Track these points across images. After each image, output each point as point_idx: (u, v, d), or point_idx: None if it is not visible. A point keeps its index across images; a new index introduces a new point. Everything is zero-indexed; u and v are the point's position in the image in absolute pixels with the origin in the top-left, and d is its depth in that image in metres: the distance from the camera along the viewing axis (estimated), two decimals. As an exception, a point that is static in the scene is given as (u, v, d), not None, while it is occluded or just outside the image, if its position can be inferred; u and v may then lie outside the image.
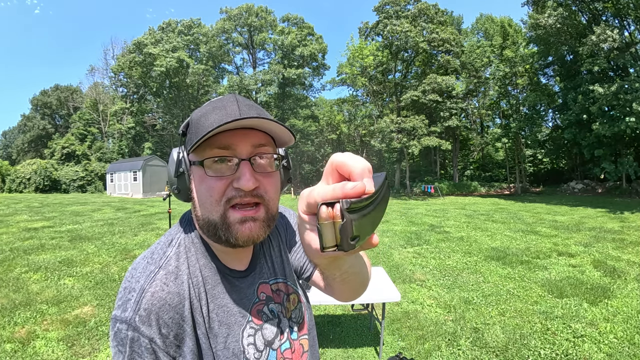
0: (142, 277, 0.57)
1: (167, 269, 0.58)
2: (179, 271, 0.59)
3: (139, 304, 0.54)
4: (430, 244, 6.94)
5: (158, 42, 35.05)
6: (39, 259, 5.44)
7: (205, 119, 0.56)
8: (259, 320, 0.64)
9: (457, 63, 28.72)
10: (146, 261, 0.60)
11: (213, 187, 0.55)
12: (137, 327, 0.53)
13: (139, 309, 0.54)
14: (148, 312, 0.54)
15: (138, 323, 0.53)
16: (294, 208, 0.62)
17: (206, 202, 0.56)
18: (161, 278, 0.57)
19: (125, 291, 0.57)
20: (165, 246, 0.62)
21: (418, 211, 13.22)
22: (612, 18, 20.02)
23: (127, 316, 0.54)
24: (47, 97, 47.88)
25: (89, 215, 10.78)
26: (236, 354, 0.59)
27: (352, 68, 32.08)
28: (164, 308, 0.55)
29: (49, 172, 30.67)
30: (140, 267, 0.59)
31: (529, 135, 25.93)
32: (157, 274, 0.57)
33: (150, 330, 0.54)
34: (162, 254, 0.61)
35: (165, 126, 40.38)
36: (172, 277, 0.58)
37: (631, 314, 3.55)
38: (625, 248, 6.45)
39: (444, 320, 3.49)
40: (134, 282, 0.57)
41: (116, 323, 0.55)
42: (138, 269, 0.59)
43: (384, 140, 26.68)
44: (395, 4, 28.04)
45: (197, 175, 0.58)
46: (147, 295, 0.55)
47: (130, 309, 0.54)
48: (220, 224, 0.56)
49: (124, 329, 0.53)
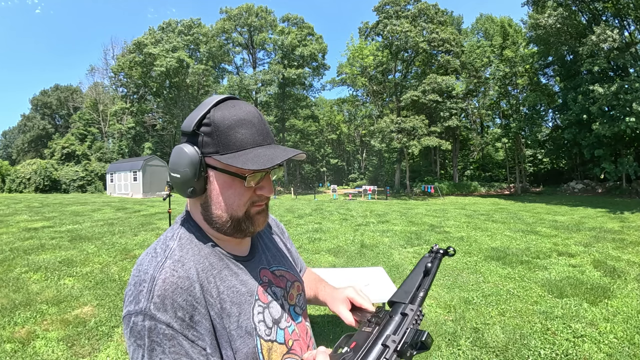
0: (149, 269, 0.58)
1: (173, 258, 0.60)
2: (184, 259, 0.61)
3: (152, 292, 0.55)
4: (430, 244, 6.92)
5: (158, 42, 35.04)
6: (39, 259, 5.43)
7: (236, 132, 0.61)
8: (265, 299, 0.69)
9: (457, 63, 28.71)
10: (150, 256, 0.61)
11: (243, 194, 0.64)
12: (153, 315, 0.53)
13: (152, 297, 0.55)
14: (162, 298, 0.55)
15: (153, 311, 0.54)
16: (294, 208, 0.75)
17: (233, 204, 0.64)
18: (169, 266, 0.59)
19: (135, 286, 0.57)
20: (166, 241, 0.65)
21: (418, 211, 13.22)
22: (612, 18, 20.02)
23: (141, 307, 0.54)
24: (47, 97, 47.91)
25: (89, 215, 10.77)
26: (249, 331, 0.62)
27: (352, 68, 32.08)
28: (177, 291, 0.56)
29: (49, 172, 30.67)
30: (146, 261, 0.60)
31: (529, 135, 25.92)
32: (165, 263, 0.59)
33: (166, 315, 0.54)
34: (165, 247, 0.63)
35: (165, 126, 40.39)
36: (179, 264, 0.60)
37: (631, 314, 3.55)
38: (625, 248, 6.45)
39: (444, 320, 3.49)
40: (143, 275, 0.58)
41: (131, 318, 0.55)
42: (143, 264, 0.60)
43: (384, 140, 26.68)
44: (395, 4, 28.04)
45: (222, 180, 0.63)
46: (158, 282, 0.56)
47: (144, 299, 0.55)
48: (244, 219, 0.65)
49: (140, 320, 0.54)
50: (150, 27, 37.20)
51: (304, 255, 6.13)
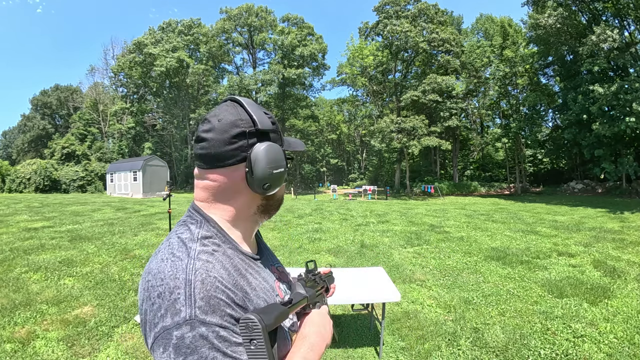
0: (178, 273, 0.54)
1: (202, 260, 0.57)
2: (212, 260, 0.59)
3: (193, 297, 0.51)
4: (430, 244, 6.94)
5: (158, 42, 35.04)
6: (39, 259, 5.43)
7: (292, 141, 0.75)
8: (281, 294, 0.73)
9: (457, 63, 28.71)
10: (170, 261, 0.57)
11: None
12: (202, 320, 0.50)
13: (195, 302, 0.51)
14: (207, 300, 0.52)
15: (201, 316, 0.51)
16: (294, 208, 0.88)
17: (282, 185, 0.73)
18: (201, 267, 0.56)
19: (163, 296, 0.52)
20: (184, 243, 0.60)
21: (418, 211, 13.22)
22: (612, 18, 20.02)
23: (184, 316, 0.50)
24: (47, 97, 47.90)
25: (89, 215, 10.77)
26: (280, 329, 0.65)
27: (352, 68, 32.09)
28: (218, 290, 0.54)
29: (49, 172, 30.66)
30: (167, 267, 0.56)
31: (529, 135, 25.92)
32: (195, 265, 0.56)
33: (215, 317, 0.52)
34: (186, 249, 0.59)
35: (165, 126, 40.38)
36: (209, 265, 0.57)
37: (631, 314, 3.55)
38: (625, 248, 6.45)
39: (444, 320, 3.49)
40: (171, 282, 0.53)
41: (171, 333, 0.50)
42: (165, 270, 0.55)
43: (384, 140, 26.68)
44: (395, 4, 28.03)
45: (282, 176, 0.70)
46: (197, 284, 0.53)
47: (185, 307, 0.51)
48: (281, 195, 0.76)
49: (187, 331, 0.49)
50: (150, 27, 37.22)
51: (304, 255, 6.13)
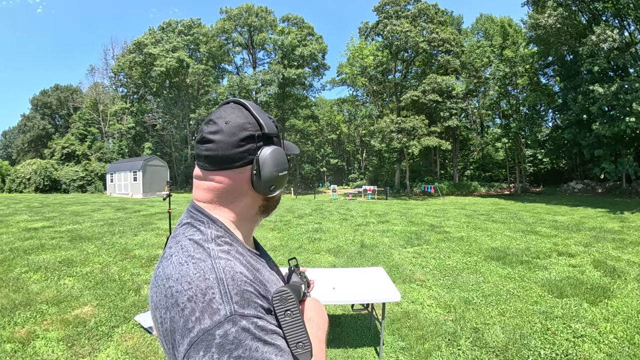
0: (207, 274, 0.55)
1: (222, 258, 0.59)
2: (232, 257, 0.61)
3: (229, 293, 0.52)
4: (430, 244, 6.94)
5: (158, 42, 35.03)
6: (39, 259, 5.43)
7: (288, 145, 0.77)
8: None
9: (457, 63, 28.71)
10: (192, 263, 0.57)
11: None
12: (242, 314, 0.51)
13: (231, 297, 0.52)
14: (241, 294, 0.53)
15: (240, 310, 0.52)
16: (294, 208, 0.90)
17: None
18: (226, 264, 0.58)
19: (195, 299, 0.52)
20: (199, 245, 0.61)
21: (418, 211, 13.22)
22: (612, 18, 20.02)
23: (224, 314, 0.50)
24: (47, 97, 47.89)
25: (89, 215, 10.77)
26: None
27: (352, 68, 32.09)
28: (247, 283, 0.57)
29: (49, 172, 30.65)
30: (192, 271, 0.56)
31: (529, 135, 25.92)
32: (220, 264, 0.57)
33: (251, 309, 0.53)
34: (204, 250, 0.60)
35: (165, 126, 40.38)
36: (231, 262, 0.59)
37: (631, 314, 3.55)
38: (625, 248, 6.45)
39: (444, 320, 3.49)
40: (201, 283, 0.53)
41: (214, 333, 0.49)
42: (189, 274, 0.55)
43: (384, 140, 26.68)
44: (395, 4, 28.03)
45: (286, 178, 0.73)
46: (229, 281, 0.54)
47: (224, 304, 0.51)
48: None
49: (230, 327, 0.50)
50: (150, 27, 37.21)
51: (304, 255, 6.13)
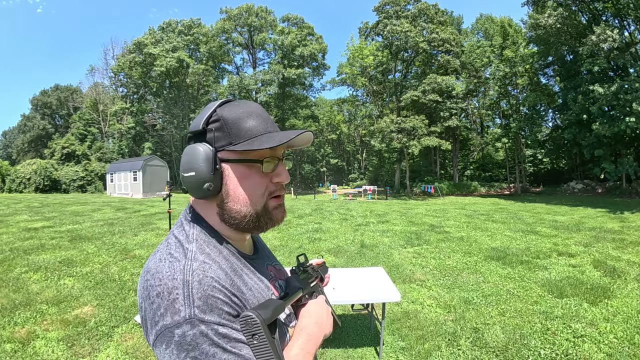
0: (176, 274, 0.55)
1: (198, 260, 0.58)
2: (209, 260, 0.59)
3: (192, 297, 0.53)
4: (430, 244, 6.94)
5: (158, 42, 35.04)
6: (39, 259, 5.43)
7: (246, 123, 0.63)
8: (277, 292, 0.72)
9: (457, 63, 28.71)
10: (168, 261, 0.58)
11: (261, 183, 0.65)
12: (201, 318, 0.52)
13: (193, 301, 0.52)
14: (204, 299, 0.53)
15: (200, 315, 0.52)
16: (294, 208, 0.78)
17: (252, 195, 0.64)
18: (198, 267, 0.57)
19: (162, 295, 0.54)
20: (181, 244, 0.62)
21: (418, 211, 13.22)
22: (612, 18, 20.01)
23: (184, 315, 0.51)
24: (47, 97, 47.89)
25: (89, 215, 10.77)
26: (280, 323, 0.66)
27: (352, 68, 32.08)
28: (216, 290, 0.55)
29: (49, 172, 30.65)
30: (165, 268, 0.57)
31: (529, 135, 25.92)
32: (192, 266, 0.56)
33: (213, 315, 0.53)
34: (184, 250, 0.60)
35: (165, 126, 40.37)
36: (206, 265, 0.58)
37: (631, 314, 3.55)
38: (625, 248, 6.45)
39: (444, 320, 3.49)
40: (169, 282, 0.54)
41: (173, 332, 0.51)
42: (163, 270, 0.56)
43: (384, 140, 26.67)
44: (395, 4, 28.04)
45: (238, 172, 0.63)
46: (194, 285, 0.54)
47: (184, 307, 0.52)
48: (263, 213, 0.65)
49: (188, 329, 0.51)
50: (150, 27, 37.22)
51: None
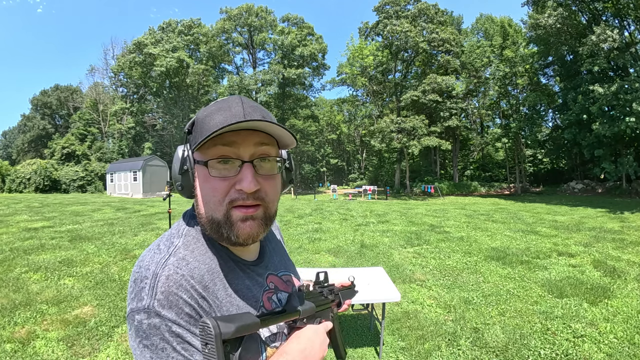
0: (151, 265, 0.56)
1: (177, 256, 0.58)
2: (189, 258, 0.58)
3: (155, 289, 0.53)
4: (430, 244, 6.94)
5: (158, 42, 35.04)
6: (39, 259, 5.43)
7: (210, 119, 0.58)
8: (270, 306, 0.67)
9: (457, 63, 28.71)
10: (152, 252, 0.58)
11: (217, 188, 0.58)
12: (157, 312, 0.52)
13: (155, 294, 0.52)
14: (166, 295, 0.53)
15: (158, 308, 0.52)
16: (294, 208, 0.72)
17: (210, 201, 0.59)
18: (173, 263, 0.56)
19: (136, 282, 0.55)
20: (171, 238, 0.62)
21: (418, 211, 13.22)
22: (612, 18, 20.01)
23: (144, 304, 0.52)
24: (47, 97, 47.88)
25: (89, 215, 10.77)
26: (253, 337, 0.59)
27: (352, 68, 32.08)
28: (181, 288, 0.54)
29: (49, 172, 30.65)
30: (147, 258, 0.57)
31: (529, 135, 25.92)
32: (168, 260, 0.56)
33: (171, 312, 0.52)
34: (170, 244, 0.60)
35: (165, 126, 40.37)
36: (183, 262, 0.57)
37: (631, 314, 3.55)
38: (625, 248, 6.45)
39: (444, 320, 3.49)
40: (144, 271, 0.55)
41: (134, 316, 0.52)
42: (145, 260, 0.57)
43: (384, 140, 26.67)
44: (395, 4, 28.04)
45: (201, 174, 0.60)
46: (161, 279, 0.54)
47: (147, 297, 0.52)
48: (224, 222, 0.59)
49: (144, 318, 0.51)
50: (150, 27, 37.22)
51: (304, 255, 6.13)
